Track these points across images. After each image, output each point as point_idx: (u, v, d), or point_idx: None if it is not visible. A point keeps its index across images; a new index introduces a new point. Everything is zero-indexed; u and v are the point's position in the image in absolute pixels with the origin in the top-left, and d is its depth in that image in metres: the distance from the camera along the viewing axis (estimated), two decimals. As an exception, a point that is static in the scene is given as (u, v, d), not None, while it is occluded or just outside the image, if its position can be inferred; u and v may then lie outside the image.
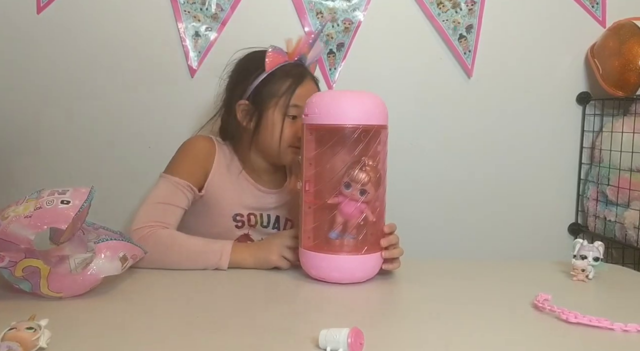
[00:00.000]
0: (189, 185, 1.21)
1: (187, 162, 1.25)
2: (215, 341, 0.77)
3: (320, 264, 1.04)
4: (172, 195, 1.19)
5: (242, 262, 1.12)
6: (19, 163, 1.65)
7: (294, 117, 1.23)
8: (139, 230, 1.12)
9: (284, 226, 1.33)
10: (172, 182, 1.21)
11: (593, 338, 0.81)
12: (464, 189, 1.77)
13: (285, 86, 1.22)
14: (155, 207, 1.17)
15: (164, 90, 1.65)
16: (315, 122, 1.05)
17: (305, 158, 1.07)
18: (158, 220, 1.15)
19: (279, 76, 1.23)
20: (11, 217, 0.88)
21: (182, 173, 1.22)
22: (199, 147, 1.28)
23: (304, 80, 1.24)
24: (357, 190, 1.02)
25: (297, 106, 1.22)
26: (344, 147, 1.04)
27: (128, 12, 1.63)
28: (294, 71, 1.24)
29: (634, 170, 1.60)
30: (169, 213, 1.18)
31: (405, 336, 0.81)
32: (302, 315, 0.89)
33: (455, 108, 1.74)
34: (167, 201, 1.18)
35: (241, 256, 1.12)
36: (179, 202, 1.20)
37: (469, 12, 1.68)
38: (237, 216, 1.27)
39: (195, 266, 1.12)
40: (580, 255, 1.12)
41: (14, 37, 1.61)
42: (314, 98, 1.07)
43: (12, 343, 0.67)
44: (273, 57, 1.23)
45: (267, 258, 1.12)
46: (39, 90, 1.63)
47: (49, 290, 0.91)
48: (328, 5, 1.66)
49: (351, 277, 1.05)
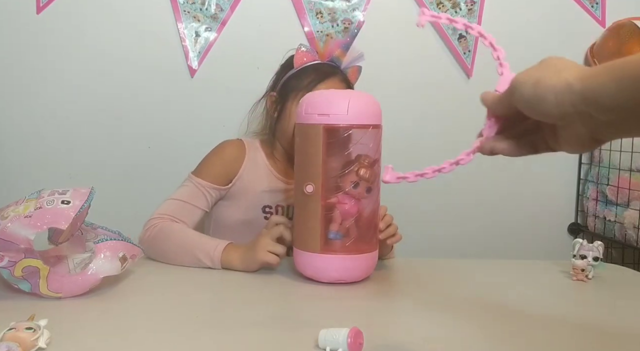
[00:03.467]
0: (212, 186, 1.25)
1: (214, 164, 1.30)
2: (215, 341, 0.77)
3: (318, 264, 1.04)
4: (192, 195, 1.24)
5: (231, 263, 1.11)
6: (19, 163, 1.65)
7: None
8: (151, 220, 1.18)
9: None
10: (195, 182, 1.25)
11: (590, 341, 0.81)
12: (464, 189, 1.77)
13: (308, 81, 1.26)
14: (173, 203, 1.22)
15: (164, 90, 1.65)
16: (305, 122, 1.04)
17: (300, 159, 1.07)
18: (172, 215, 1.20)
19: (306, 72, 1.28)
20: (11, 217, 0.88)
21: (207, 175, 1.26)
22: (228, 151, 1.32)
23: (328, 78, 1.27)
24: (365, 188, 1.02)
25: None
26: (337, 147, 1.03)
27: (128, 12, 1.63)
28: (322, 69, 1.28)
29: (634, 170, 1.60)
30: (186, 211, 1.22)
31: (405, 336, 0.81)
32: (302, 315, 0.89)
33: (455, 108, 1.74)
34: (186, 200, 1.23)
35: (230, 257, 1.11)
36: (198, 202, 1.24)
37: (469, 12, 1.68)
38: (266, 207, 1.30)
39: (189, 261, 1.12)
40: (580, 255, 1.12)
41: (14, 37, 1.61)
42: (305, 98, 1.07)
43: (11, 344, 0.67)
44: (301, 55, 1.30)
45: (253, 257, 1.10)
46: (39, 90, 1.64)
47: (49, 290, 0.91)
48: (328, 5, 1.66)
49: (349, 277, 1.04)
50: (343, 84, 1.30)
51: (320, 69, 1.28)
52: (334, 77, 1.28)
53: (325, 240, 1.03)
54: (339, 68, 1.30)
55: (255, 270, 1.09)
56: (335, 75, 1.29)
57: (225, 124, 1.66)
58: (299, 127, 1.06)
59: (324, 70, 1.28)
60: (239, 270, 1.10)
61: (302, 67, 1.29)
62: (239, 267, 1.10)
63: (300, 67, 1.29)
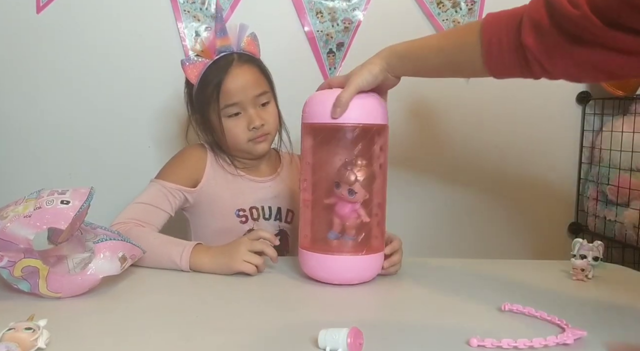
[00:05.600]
0: (177, 188, 1.23)
1: (176, 166, 1.28)
2: (215, 342, 0.77)
3: (316, 264, 1.03)
4: (156, 198, 1.21)
5: (201, 266, 1.07)
6: (19, 163, 1.65)
7: (236, 114, 1.23)
8: (115, 225, 1.14)
9: (286, 217, 1.32)
10: (159, 185, 1.23)
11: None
12: (464, 189, 1.77)
13: (209, 89, 1.22)
14: (137, 207, 1.20)
15: (164, 90, 1.65)
16: (308, 121, 1.04)
17: (303, 157, 1.07)
18: (137, 219, 1.17)
19: (205, 82, 1.23)
20: (10, 217, 0.88)
21: (169, 177, 1.25)
22: (188, 153, 1.31)
23: (226, 74, 1.21)
24: (346, 190, 1.01)
25: (231, 104, 1.22)
26: (339, 147, 1.02)
27: (128, 12, 1.63)
28: (215, 71, 1.22)
29: (634, 170, 1.60)
30: (151, 214, 1.19)
31: (405, 337, 0.81)
32: (301, 315, 0.89)
33: (455, 108, 1.74)
34: (151, 202, 1.21)
35: (200, 260, 1.07)
36: (163, 204, 1.21)
37: (469, 11, 1.68)
38: (240, 211, 1.27)
39: (159, 264, 1.09)
40: (580, 255, 1.12)
41: (14, 37, 1.61)
42: (312, 98, 1.05)
43: (10, 344, 0.67)
44: (189, 68, 1.24)
45: (227, 263, 1.05)
46: (39, 90, 1.63)
47: (48, 290, 0.91)
48: (328, 5, 1.65)
49: (350, 278, 1.04)
50: (246, 66, 1.23)
51: (215, 68, 1.22)
52: (233, 64, 1.22)
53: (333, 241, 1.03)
54: (234, 53, 1.24)
55: (228, 274, 1.06)
56: (232, 61, 1.22)
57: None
58: (307, 127, 1.04)
59: (220, 66, 1.22)
60: (210, 272, 1.07)
61: (199, 78, 1.23)
62: (209, 269, 1.07)
63: (198, 79, 1.23)
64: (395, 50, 1.02)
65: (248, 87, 1.22)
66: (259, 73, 1.26)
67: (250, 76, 1.23)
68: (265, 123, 1.24)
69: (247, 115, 1.23)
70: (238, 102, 1.22)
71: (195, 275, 1.08)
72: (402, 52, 1.01)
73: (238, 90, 1.21)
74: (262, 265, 1.06)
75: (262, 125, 1.23)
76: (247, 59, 1.25)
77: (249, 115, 1.23)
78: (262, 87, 1.24)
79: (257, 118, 1.23)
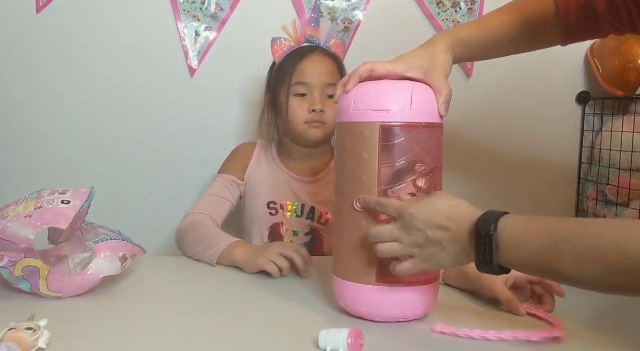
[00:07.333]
0: (232, 179, 1.35)
1: (230, 160, 1.41)
2: (215, 342, 0.77)
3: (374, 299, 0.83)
4: (220, 189, 1.34)
5: (233, 257, 1.10)
6: (19, 163, 1.65)
7: (302, 94, 1.30)
8: (189, 215, 1.26)
9: (319, 218, 1.35)
10: (220, 178, 1.36)
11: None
12: (464, 189, 1.76)
13: (287, 68, 1.30)
14: (207, 199, 1.32)
15: (163, 90, 1.65)
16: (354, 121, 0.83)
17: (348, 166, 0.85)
18: (207, 210, 1.27)
19: (284, 62, 1.32)
20: (11, 217, 0.88)
21: (227, 170, 1.38)
22: (239, 148, 1.44)
23: (306, 57, 1.30)
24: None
25: (302, 83, 1.29)
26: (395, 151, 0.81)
27: (128, 12, 1.62)
28: (297, 55, 1.31)
29: (634, 170, 1.60)
30: (217, 205, 1.31)
31: (405, 337, 0.81)
32: (302, 315, 0.89)
33: (455, 108, 1.73)
34: (216, 193, 1.33)
35: (235, 251, 1.11)
36: (226, 194, 1.33)
37: (469, 11, 1.68)
38: (271, 203, 1.34)
39: (201, 253, 1.14)
40: (580, 255, 1.11)
41: (14, 37, 1.61)
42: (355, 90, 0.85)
43: (11, 344, 0.67)
44: (277, 47, 1.32)
45: (255, 259, 1.07)
46: (39, 90, 1.63)
47: (49, 290, 0.91)
48: (328, 5, 1.65)
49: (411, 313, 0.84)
50: (327, 58, 1.32)
51: (299, 52, 1.31)
52: (313, 53, 1.31)
53: (381, 268, 0.81)
54: (318, 46, 1.33)
55: (253, 272, 1.08)
56: (315, 51, 1.31)
57: (225, 124, 1.67)
58: (344, 127, 0.85)
59: (301, 52, 1.31)
60: (238, 266, 1.10)
61: (283, 58, 1.31)
62: (238, 262, 1.10)
63: (282, 59, 1.31)
64: (459, 38, 0.97)
65: (322, 74, 1.29)
66: (336, 69, 1.33)
67: (327, 67, 1.31)
68: (326, 111, 1.29)
69: (312, 98, 1.29)
70: (308, 82, 1.29)
71: (196, 276, 1.08)
72: (466, 38, 0.97)
73: (312, 73, 1.29)
74: (287, 270, 1.06)
75: (322, 112, 1.28)
76: (330, 54, 1.33)
77: (314, 98, 1.29)
78: (334, 80, 1.28)
79: (320, 103, 1.28)
